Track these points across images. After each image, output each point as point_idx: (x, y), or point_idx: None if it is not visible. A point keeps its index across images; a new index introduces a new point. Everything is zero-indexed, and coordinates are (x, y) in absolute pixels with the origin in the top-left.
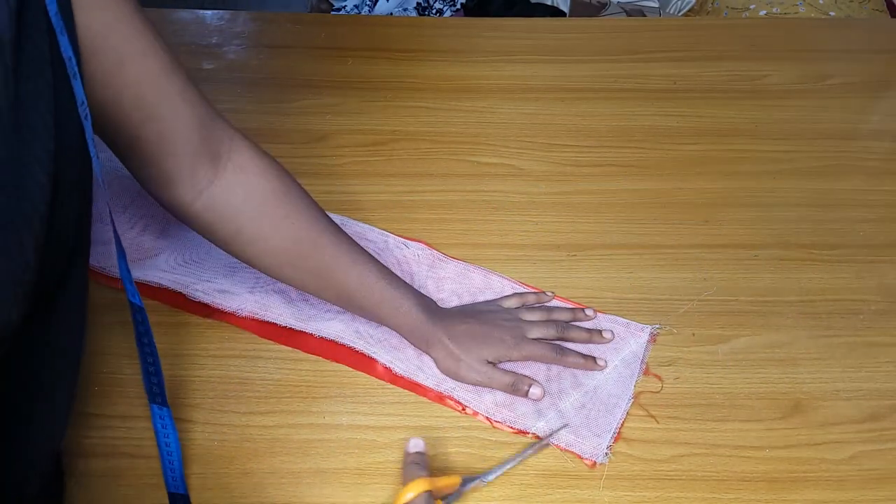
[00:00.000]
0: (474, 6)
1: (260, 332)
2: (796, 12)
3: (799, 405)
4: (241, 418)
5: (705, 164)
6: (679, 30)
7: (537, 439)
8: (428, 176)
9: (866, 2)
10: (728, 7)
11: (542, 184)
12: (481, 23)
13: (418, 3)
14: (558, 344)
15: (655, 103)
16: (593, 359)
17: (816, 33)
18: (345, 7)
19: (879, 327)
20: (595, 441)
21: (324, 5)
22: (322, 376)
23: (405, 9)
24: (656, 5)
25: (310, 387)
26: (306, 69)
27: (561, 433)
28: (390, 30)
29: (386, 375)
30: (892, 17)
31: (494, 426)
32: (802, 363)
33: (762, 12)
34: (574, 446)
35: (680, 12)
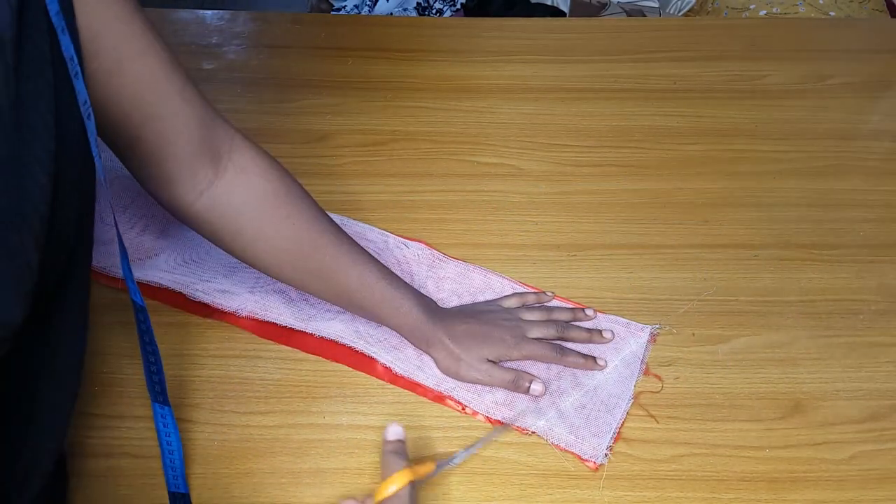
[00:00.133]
0: (474, 6)
1: (260, 332)
2: (796, 12)
3: (799, 405)
4: (241, 418)
5: (705, 164)
6: (679, 30)
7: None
8: (428, 176)
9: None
10: (728, 7)
11: (542, 184)
12: (481, 23)
13: (418, 3)
14: (558, 344)
15: (655, 103)
16: (593, 359)
17: (816, 33)
18: (345, 7)
19: (879, 327)
20: (595, 441)
21: (324, 5)
22: (322, 376)
23: (405, 9)
24: (656, 5)
25: (310, 387)
26: (306, 69)
27: (561, 434)
28: (390, 30)
29: (386, 375)
30: (892, 17)
31: (494, 426)
32: (802, 363)
33: (762, 12)
34: (574, 447)
35: (680, 12)
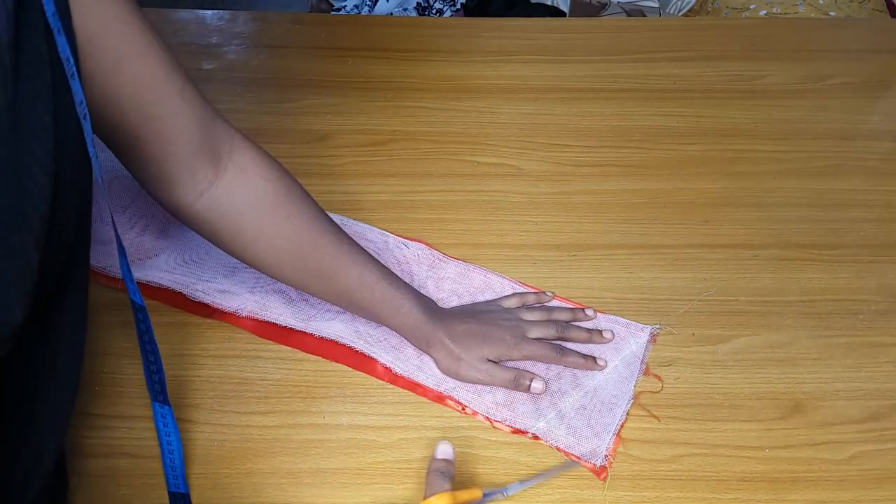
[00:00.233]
0: (474, 6)
1: (260, 332)
2: (796, 12)
3: (799, 405)
4: (241, 418)
5: (705, 164)
6: (679, 30)
7: (564, 458)
8: (428, 176)
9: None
10: (728, 7)
11: (542, 184)
12: (481, 23)
13: (418, 3)
14: (558, 344)
15: (655, 103)
16: (593, 359)
17: (816, 33)
18: (345, 7)
19: (879, 327)
20: (595, 442)
21: (324, 5)
22: (322, 376)
23: (405, 9)
24: (656, 5)
25: (310, 387)
26: (306, 69)
27: (560, 435)
28: (390, 30)
29: (386, 375)
30: (892, 17)
31: (494, 426)
32: (802, 363)
33: (762, 12)
34: (574, 448)
35: (680, 12)
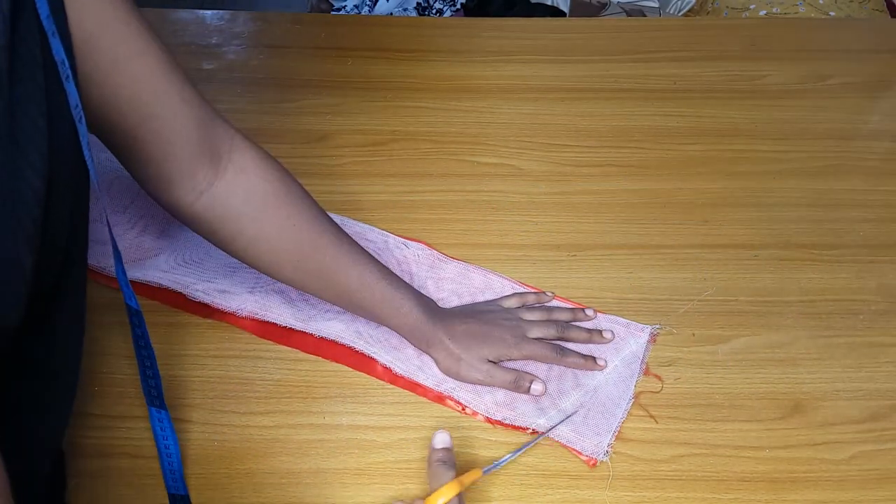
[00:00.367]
0: (474, 6)
1: (260, 332)
2: (796, 12)
3: (799, 405)
4: (241, 418)
5: (705, 164)
6: (679, 30)
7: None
8: (428, 176)
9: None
10: (728, 7)
11: (542, 184)
12: (481, 23)
13: (418, 3)
14: (558, 344)
15: (655, 103)
16: (593, 359)
17: (816, 33)
18: (345, 7)
19: (879, 327)
20: (596, 439)
21: (324, 5)
22: (322, 376)
23: (405, 9)
24: (656, 5)
25: (310, 387)
26: (306, 69)
27: (562, 431)
28: (390, 30)
29: (386, 375)
30: (892, 17)
31: (494, 426)
32: (802, 363)
33: (762, 12)
34: (575, 443)
35: (680, 12)
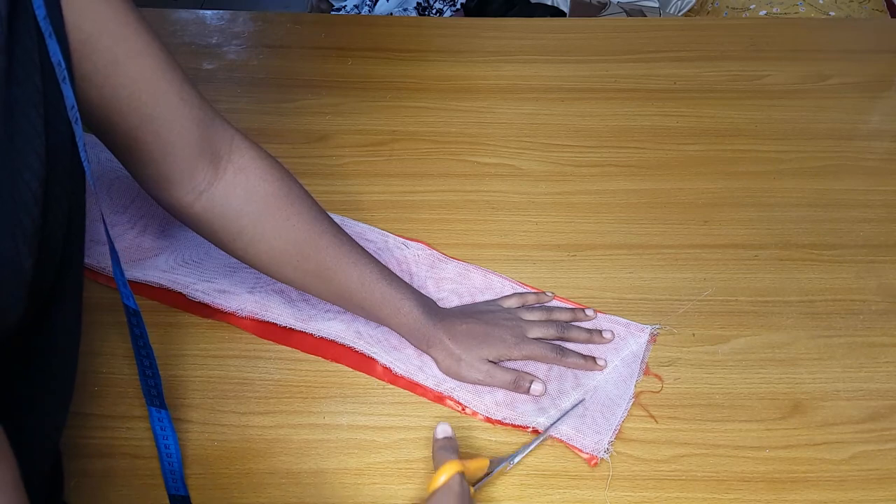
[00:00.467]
0: (474, 6)
1: (260, 333)
2: (796, 12)
3: (799, 405)
4: (241, 418)
5: (705, 164)
6: (679, 30)
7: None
8: (428, 176)
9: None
10: (728, 7)
11: (542, 184)
12: (481, 23)
13: (418, 3)
14: (558, 344)
15: (655, 103)
16: (593, 359)
17: (816, 33)
18: (345, 7)
19: (879, 327)
20: (596, 438)
21: (324, 5)
22: (322, 376)
23: (405, 9)
24: (656, 5)
25: (310, 387)
26: (306, 69)
27: (563, 428)
28: (390, 30)
29: (386, 375)
30: (892, 17)
31: (494, 425)
32: (802, 363)
33: (762, 12)
34: (575, 441)
35: (680, 12)
